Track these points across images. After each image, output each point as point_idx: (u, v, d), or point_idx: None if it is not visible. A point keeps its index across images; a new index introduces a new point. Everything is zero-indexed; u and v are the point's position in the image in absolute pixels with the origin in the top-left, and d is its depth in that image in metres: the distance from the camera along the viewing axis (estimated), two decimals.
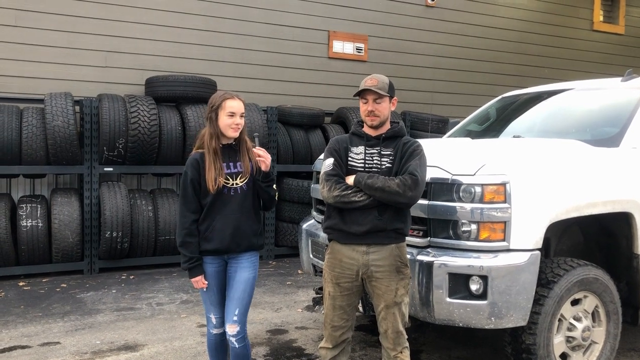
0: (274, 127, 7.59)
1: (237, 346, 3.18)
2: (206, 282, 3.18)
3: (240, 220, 3.15)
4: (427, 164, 3.07)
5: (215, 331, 3.28)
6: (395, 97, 3.10)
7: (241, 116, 3.16)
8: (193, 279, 3.17)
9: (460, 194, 3.41)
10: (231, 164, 3.17)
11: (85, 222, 6.52)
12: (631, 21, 12.18)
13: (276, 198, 3.33)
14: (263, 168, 3.14)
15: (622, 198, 3.77)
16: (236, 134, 3.17)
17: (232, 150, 3.20)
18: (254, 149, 3.17)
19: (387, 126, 3.09)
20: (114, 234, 6.34)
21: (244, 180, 3.17)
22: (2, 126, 6.17)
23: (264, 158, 3.13)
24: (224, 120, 3.13)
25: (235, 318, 3.14)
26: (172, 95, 7.07)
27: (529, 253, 3.37)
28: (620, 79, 4.74)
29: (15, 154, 6.24)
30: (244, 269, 3.19)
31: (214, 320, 3.25)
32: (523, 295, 3.33)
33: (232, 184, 3.15)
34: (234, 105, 3.13)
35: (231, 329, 3.15)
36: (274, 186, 3.26)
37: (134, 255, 6.68)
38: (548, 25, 11.10)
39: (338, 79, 8.98)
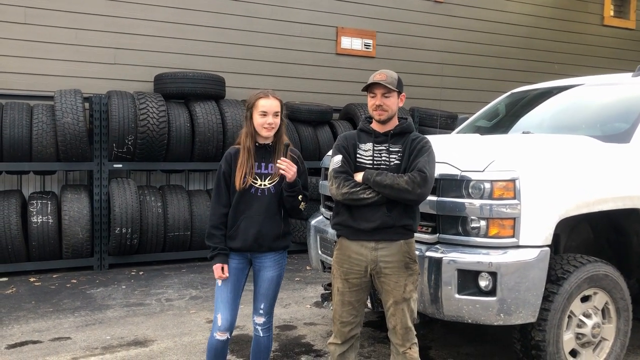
0: None
1: (261, 335, 3.30)
2: (226, 275, 3.15)
3: (263, 222, 3.14)
4: (436, 160, 3.06)
5: (218, 335, 3.19)
6: (403, 93, 3.09)
7: (275, 115, 3.12)
8: (214, 266, 3.16)
9: (470, 190, 3.39)
10: (263, 164, 3.17)
11: (95, 218, 6.56)
12: None
13: (301, 208, 3.20)
14: (287, 179, 3.09)
15: (633, 194, 3.74)
16: (269, 134, 3.15)
17: (266, 151, 3.19)
18: (278, 160, 3.09)
19: (395, 122, 3.08)
20: (124, 230, 6.38)
21: (272, 183, 3.16)
22: (12, 123, 6.21)
23: (285, 170, 3.05)
24: (257, 120, 3.13)
25: (261, 311, 3.27)
26: (180, 92, 7.09)
27: (539, 249, 3.35)
28: (631, 74, 4.70)
29: (26, 150, 6.28)
30: (267, 269, 3.23)
31: (219, 322, 3.17)
32: (532, 291, 3.31)
33: (260, 185, 3.15)
34: (266, 104, 3.11)
35: (258, 319, 3.28)
36: (300, 197, 3.15)
37: (144, 251, 6.71)
38: (558, 20, 11.02)
39: (346, 75, 8.97)
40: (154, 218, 6.61)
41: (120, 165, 6.72)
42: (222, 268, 3.15)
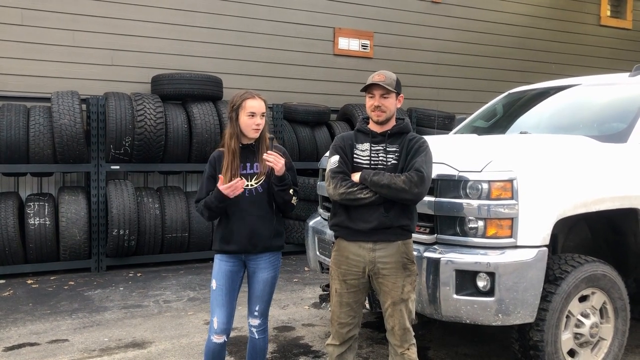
0: (280, 125, 7.59)
1: (256, 337, 3.28)
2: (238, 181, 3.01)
3: (256, 222, 3.13)
4: (434, 161, 3.06)
5: (215, 338, 3.16)
6: (401, 94, 3.09)
7: (262, 116, 3.12)
8: (227, 189, 3.00)
9: (467, 191, 3.39)
10: (248, 164, 3.15)
11: (93, 220, 6.55)
12: (639, 16, 12.08)
13: (294, 203, 3.19)
14: (275, 173, 3.08)
15: (630, 194, 3.75)
16: (257, 135, 3.14)
17: (250, 151, 3.18)
18: (264, 154, 3.08)
19: (393, 122, 3.08)
20: (121, 232, 6.37)
21: (258, 182, 3.15)
22: (9, 125, 6.20)
23: (273, 163, 3.04)
24: (244, 121, 3.11)
25: (256, 313, 3.25)
26: (178, 93, 7.09)
27: (537, 249, 3.35)
28: (628, 74, 4.71)
29: (23, 152, 6.27)
30: (262, 270, 3.21)
31: (215, 325, 3.15)
32: (530, 291, 3.31)
33: (247, 185, 3.13)
34: (255, 105, 3.10)
35: (253, 322, 3.26)
36: (291, 191, 3.14)
37: (141, 253, 6.70)
38: (555, 21, 11.04)
39: (343, 75, 8.97)
40: (152, 219, 6.60)
41: (118, 167, 6.71)
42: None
